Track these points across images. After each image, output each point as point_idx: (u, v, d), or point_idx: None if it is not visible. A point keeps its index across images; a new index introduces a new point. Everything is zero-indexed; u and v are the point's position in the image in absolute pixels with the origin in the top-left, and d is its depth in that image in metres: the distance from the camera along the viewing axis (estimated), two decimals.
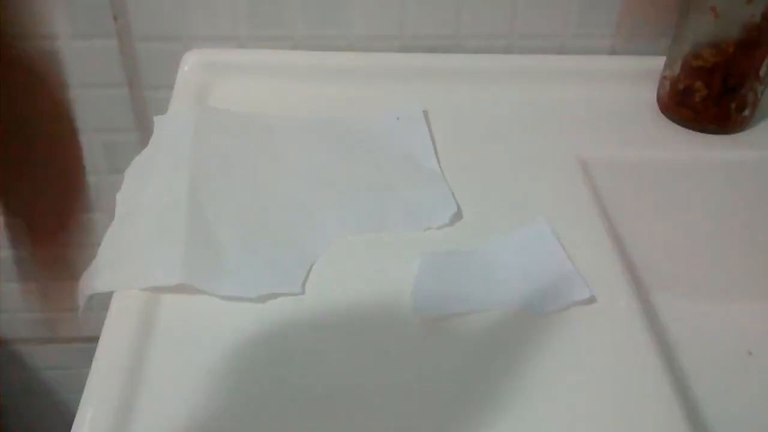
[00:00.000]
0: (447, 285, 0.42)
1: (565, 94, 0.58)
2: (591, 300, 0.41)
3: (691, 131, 0.55)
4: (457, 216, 0.47)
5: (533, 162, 0.52)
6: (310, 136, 0.52)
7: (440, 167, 0.50)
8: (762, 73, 0.52)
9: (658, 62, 0.57)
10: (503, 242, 0.45)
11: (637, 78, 0.59)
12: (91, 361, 0.37)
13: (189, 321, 0.39)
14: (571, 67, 0.59)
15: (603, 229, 0.46)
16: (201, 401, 0.36)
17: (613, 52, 0.61)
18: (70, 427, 0.34)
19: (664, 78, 0.57)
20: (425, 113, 0.55)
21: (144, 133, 0.64)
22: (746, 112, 0.54)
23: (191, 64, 0.57)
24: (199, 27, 0.58)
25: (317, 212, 0.46)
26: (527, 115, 0.56)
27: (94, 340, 0.38)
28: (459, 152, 0.52)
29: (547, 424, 0.36)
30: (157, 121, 0.52)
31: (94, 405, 0.35)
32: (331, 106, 0.56)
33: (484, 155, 0.52)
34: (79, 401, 0.35)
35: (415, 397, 0.37)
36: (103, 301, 0.40)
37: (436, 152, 0.52)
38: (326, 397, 0.36)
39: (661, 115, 0.57)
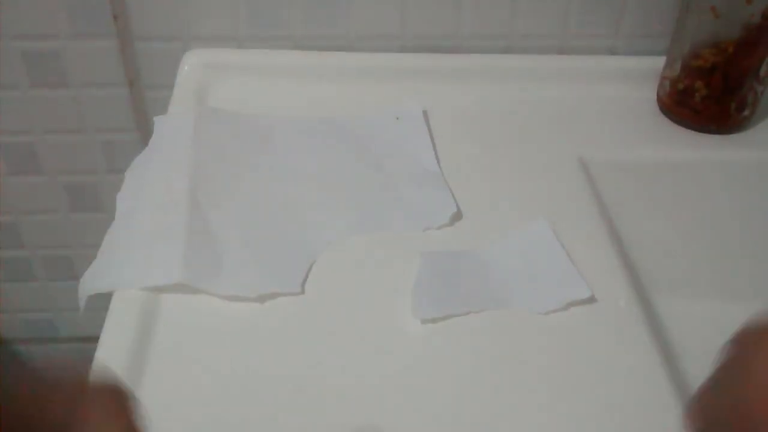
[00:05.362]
0: (447, 285, 0.42)
1: (565, 94, 0.58)
2: (591, 299, 0.41)
3: (691, 131, 0.55)
4: (457, 216, 0.47)
5: (533, 162, 0.52)
6: (309, 136, 0.52)
7: (440, 167, 0.50)
8: (762, 73, 0.52)
9: (659, 62, 0.57)
10: (503, 242, 0.45)
11: (637, 78, 0.59)
12: (91, 361, 0.37)
13: (189, 321, 0.39)
14: (571, 67, 0.59)
15: (603, 229, 0.46)
16: (201, 401, 0.36)
17: (613, 52, 0.61)
18: None
19: (664, 78, 0.57)
20: (425, 113, 0.55)
21: (144, 132, 0.64)
22: (746, 112, 0.54)
23: (191, 64, 0.57)
24: (199, 27, 0.58)
25: (317, 212, 0.46)
26: (527, 115, 0.56)
27: (95, 340, 0.38)
28: (459, 152, 0.52)
29: (548, 424, 0.36)
30: (158, 121, 0.52)
31: None
32: (331, 106, 0.56)
33: (484, 155, 0.52)
34: None
35: (415, 397, 0.37)
36: (103, 301, 0.40)
37: (436, 152, 0.52)
38: (325, 397, 0.36)
39: (661, 114, 0.57)
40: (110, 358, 0.37)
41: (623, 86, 0.59)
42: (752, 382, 0.22)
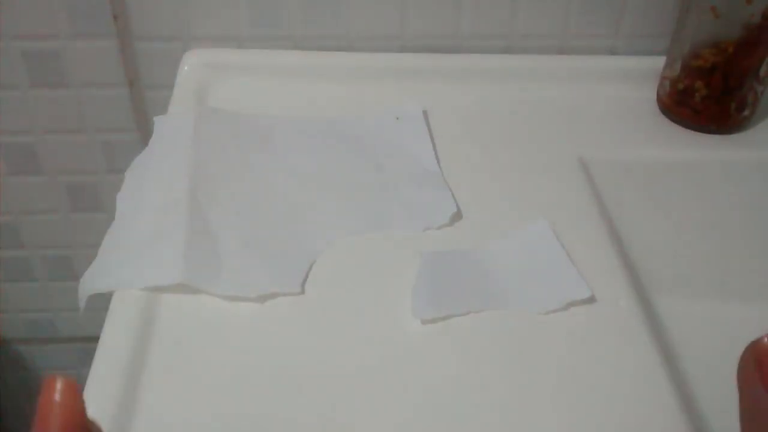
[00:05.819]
0: (447, 285, 0.42)
1: (566, 94, 0.58)
2: (591, 299, 0.41)
3: (691, 131, 0.55)
4: (457, 216, 0.47)
5: (533, 162, 0.52)
6: (309, 136, 0.53)
7: (440, 167, 0.50)
8: (762, 73, 0.52)
9: (658, 62, 0.57)
10: (503, 242, 0.45)
11: (637, 78, 0.59)
12: (91, 361, 0.37)
13: (189, 321, 0.40)
14: (571, 67, 0.59)
15: (603, 229, 0.46)
16: (201, 401, 0.36)
17: (613, 51, 0.61)
18: None
19: (664, 78, 0.57)
20: (425, 113, 0.55)
21: (144, 133, 0.64)
22: (746, 112, 0.54)
23: (191, 64, 0.57)
24: (199, 27, 0.59)
25: (317, 212, 0.46)
26: (527, 115, 0.56)
27: (94, 340, 0.38)
28: (459, 152, 0.52)
29: (547, 424, 0.36)
30: (158, 121, 0.52)
31: (94, 405, 0.35)
32: (331, 106, 0.56)
33: (483, 155, 0.52)
34: None
35: (415, 397, 0.37)
36: (103, 301, 0.40)
37: (435, 152, 0.52)
38: (325, 396, 0.36)
39: (661, 115, 0.57)
40: (110, 358, 0.37)
41: (623, 86, 0.59)
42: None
